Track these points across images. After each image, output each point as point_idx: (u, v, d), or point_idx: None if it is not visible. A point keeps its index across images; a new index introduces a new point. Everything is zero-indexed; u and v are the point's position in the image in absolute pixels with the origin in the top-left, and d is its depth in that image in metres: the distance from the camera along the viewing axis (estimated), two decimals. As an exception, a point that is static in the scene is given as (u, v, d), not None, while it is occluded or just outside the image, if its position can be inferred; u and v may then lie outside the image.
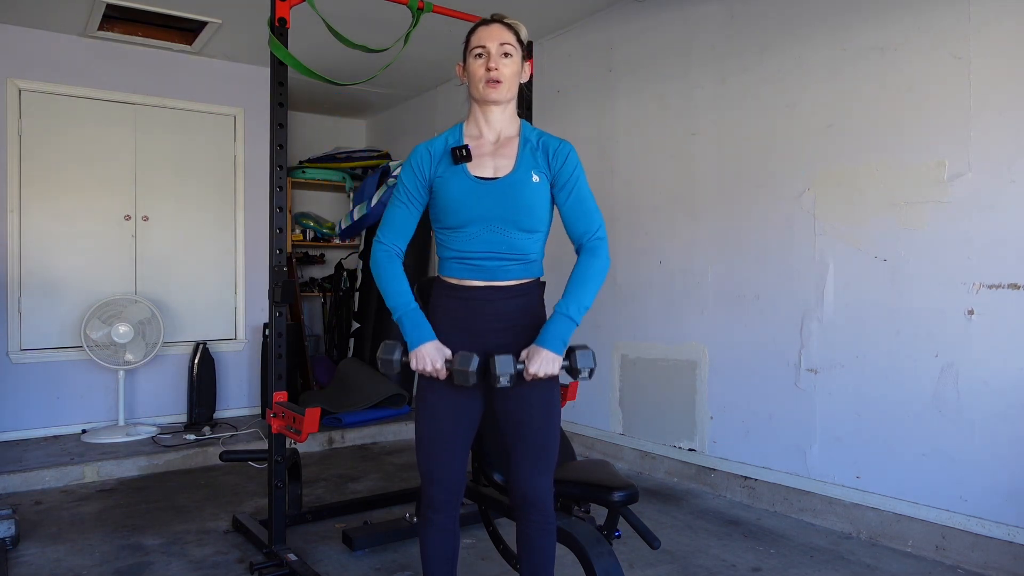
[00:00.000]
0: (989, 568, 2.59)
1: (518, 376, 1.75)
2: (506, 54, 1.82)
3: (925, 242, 2.79)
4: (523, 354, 1.77)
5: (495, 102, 1.83)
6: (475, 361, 1.72)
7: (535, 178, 1.81)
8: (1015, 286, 2.56)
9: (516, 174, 1.80)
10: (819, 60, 3.14)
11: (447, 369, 1.78)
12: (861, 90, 2.99)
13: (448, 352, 1.79)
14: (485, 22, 1.87)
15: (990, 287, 2.62)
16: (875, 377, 2.94)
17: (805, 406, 3.18)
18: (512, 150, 1.85)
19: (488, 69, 1.80)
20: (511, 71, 1.83)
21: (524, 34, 1.90)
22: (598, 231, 1.84)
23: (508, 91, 1.84)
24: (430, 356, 1.77)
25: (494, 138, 1.86)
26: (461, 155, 1.81)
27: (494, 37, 1.82)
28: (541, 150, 1.85)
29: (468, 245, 1.80)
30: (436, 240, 1.90)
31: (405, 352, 1.82)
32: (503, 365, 1.71)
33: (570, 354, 1.79)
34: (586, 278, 1.80)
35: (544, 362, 1.73)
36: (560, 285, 1.85)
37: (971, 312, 2.66)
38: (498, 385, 1.72)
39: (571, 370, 1.80)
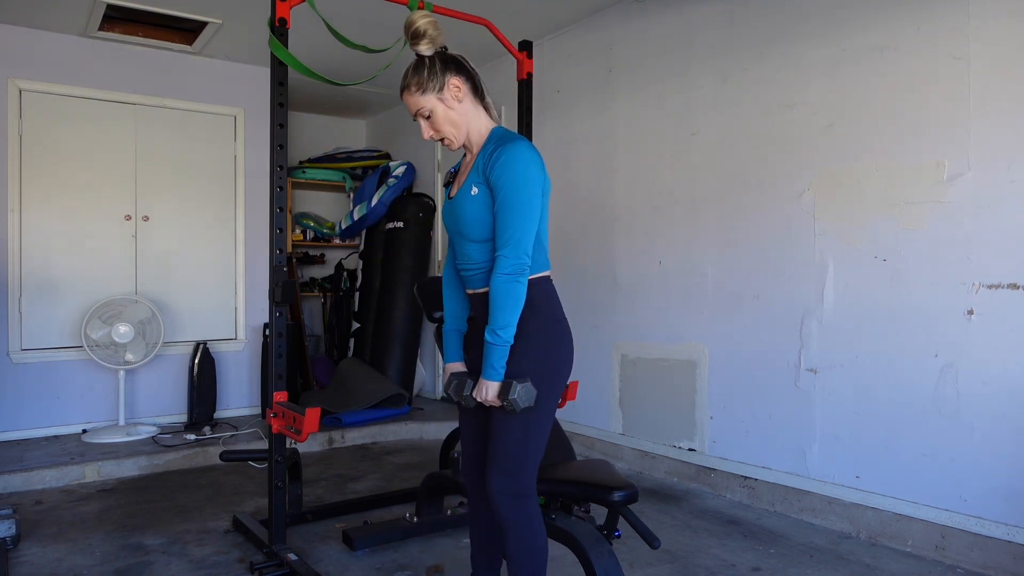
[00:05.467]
0: (989, 568, 2.59)
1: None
2: (427, 117, 1.90)
3: (925, 242, 2.79)
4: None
5: (454, 149, 1.99)
6: (452, 383, 2.00)
7: (474, 190, 1.85)
8: (1015, 286, 2.56)
9: (461, 191, 1.90)
10: (819, 60, 3.14)
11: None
12: (861, 90, 2.99)
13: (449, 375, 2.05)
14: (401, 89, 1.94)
15: (990, 287, 2.62)
16: (875, 377, 2.94)
17: (805, 406, 3.18)
18: (471, 165, 1.94)
19: (428, 136, 1.94)
20: (443, 121, 1.90)
21: (426, 73, 1.86)
22: (504, 246, 1.79)
23: (457, 135, 1.93)
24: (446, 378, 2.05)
25: (475, 152, 1.97)
26: (448, 180, 2.04)
27: (411, 107, 1.93)
28: (486, 158, 1.85)
29: (455, 256, 2.01)
30: None
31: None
32: (467, 388, 1.94)
33: (508, 385, 1.80)
34: (493, 300, 1.80)
35: (480, 389, 1.85)
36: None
37: (971, 312, 2.66)
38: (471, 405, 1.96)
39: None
